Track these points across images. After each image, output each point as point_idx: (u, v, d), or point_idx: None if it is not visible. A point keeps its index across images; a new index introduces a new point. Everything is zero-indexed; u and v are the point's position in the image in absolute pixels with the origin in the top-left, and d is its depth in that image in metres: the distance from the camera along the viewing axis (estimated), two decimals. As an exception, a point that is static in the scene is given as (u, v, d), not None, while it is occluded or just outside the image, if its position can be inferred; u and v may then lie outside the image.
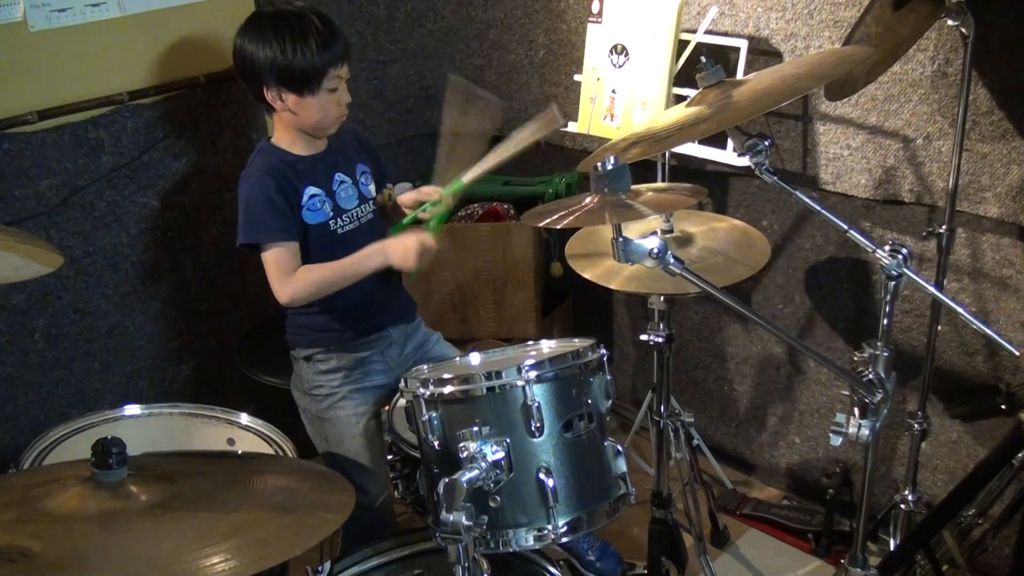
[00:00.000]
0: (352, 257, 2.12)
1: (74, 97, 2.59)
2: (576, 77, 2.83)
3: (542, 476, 1.64)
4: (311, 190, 2.15)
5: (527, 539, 1.66)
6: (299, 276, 2.10)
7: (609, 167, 1.58)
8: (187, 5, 2.76)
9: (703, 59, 1.95)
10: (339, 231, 2.18)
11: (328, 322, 2.22)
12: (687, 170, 2.79)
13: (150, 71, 2.74)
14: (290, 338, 2.30)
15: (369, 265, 2.11)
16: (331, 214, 2.17)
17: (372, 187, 2.29)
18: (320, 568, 1.86)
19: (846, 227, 1.78)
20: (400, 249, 2.09)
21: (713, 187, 2.90)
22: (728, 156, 2.59)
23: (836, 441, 1.65)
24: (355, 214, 2.22)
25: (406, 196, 2.31)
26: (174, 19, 2.74)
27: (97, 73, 2.63)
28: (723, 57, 2.59)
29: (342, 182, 2.21)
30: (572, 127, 2.85)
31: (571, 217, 1.61)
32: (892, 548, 2.57)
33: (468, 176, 2.22)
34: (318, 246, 2.15)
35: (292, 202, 2.12)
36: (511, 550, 1.67)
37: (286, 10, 2.09)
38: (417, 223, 2.24)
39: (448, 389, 1.68)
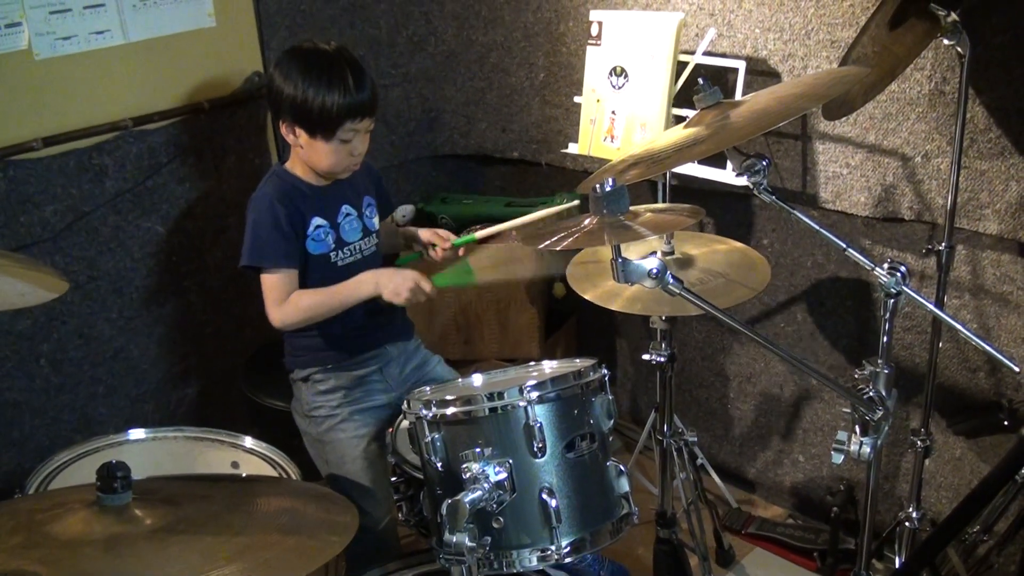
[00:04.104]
0: (345, 284, 2.14)
1: (79, 124, 2.61)
2: (576, 99, 2.85)
3: (545, 496, 1.65)
4: (317, 220, 2.17)
5: (530, 559, 1.67)
6: (292, 301, 2.12)
7: (607, 189, 1.60)
8: (191, 32, 2.78)
9: (700, 80, 1.97)
10: (339, 263, 2.20)
11: (326, 342, 2.24)
12: (687, 190, 2.80)
13: (154, 97, 2.76)
14: (288, 360, 2.31)
15: (360, 293, 2.14)
16: (333, 246, 2.20)
17: (376, 219, 2.31)
18: (324, 591, 1.87)
19: (844, 245, 1.80)
20: (393, 284, 2.12)
21: (714, 207, 2.91)
22: (728, 176, 2.60)
23: (838, 459, 1.66)
24: (358, 247, 2.24)
25: (425, 232, 2.33)
26: (178, 46, 2.76)
27: (101, 100, 2.65)
28: (722, 78, 2.61)
29: (347, 214, 2.23)
30: (573, 148, 2.87)
31: (570, 239, 1.62)
32: (897, 566, 2.57)
33: (481, 233, 2.29)
34: (318, 276, 2.17)
35: (298, 231, 2.14)
36: (514, 571, 1.68)
37: (323, 51, 2.10)
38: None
39: (451, 410, 1.70)
